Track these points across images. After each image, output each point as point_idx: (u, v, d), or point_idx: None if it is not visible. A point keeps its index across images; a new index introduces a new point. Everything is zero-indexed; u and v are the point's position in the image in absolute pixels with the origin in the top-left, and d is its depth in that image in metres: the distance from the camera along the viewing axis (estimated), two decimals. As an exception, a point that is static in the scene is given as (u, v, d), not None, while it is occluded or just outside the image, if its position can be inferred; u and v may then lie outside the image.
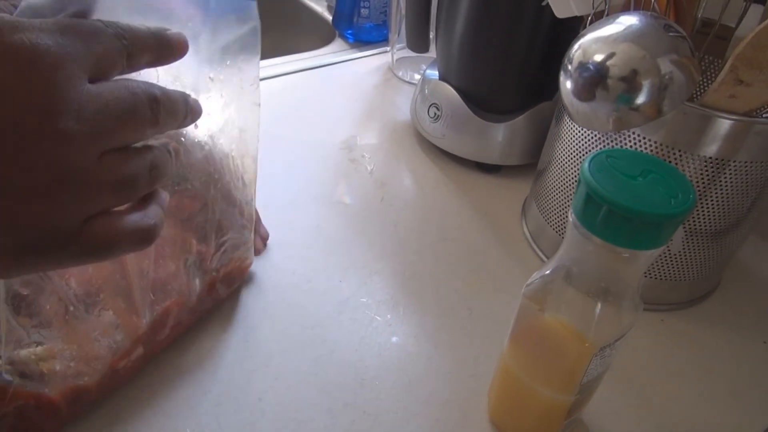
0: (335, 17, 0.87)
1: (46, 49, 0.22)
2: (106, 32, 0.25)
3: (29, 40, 0.22)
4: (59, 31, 0.23)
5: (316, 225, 0.54)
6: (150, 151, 0.27)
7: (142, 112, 0.25)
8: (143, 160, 0.26)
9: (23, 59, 0.22)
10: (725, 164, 0.40)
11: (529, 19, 0.54)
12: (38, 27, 0.22)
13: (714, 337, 0.48)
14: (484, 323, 0.47)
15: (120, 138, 0.25)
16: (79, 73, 0.23)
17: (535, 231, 0.55)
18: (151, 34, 0.27)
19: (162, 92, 0.27)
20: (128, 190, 0.26)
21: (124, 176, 0.25)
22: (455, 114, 0.61)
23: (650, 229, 0.27)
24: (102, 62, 0.24)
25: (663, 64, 0.35)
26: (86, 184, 0.24)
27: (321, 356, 0.43)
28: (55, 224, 0.24)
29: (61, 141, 0.23)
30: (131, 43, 0.26)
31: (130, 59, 0.26)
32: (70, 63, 0.23)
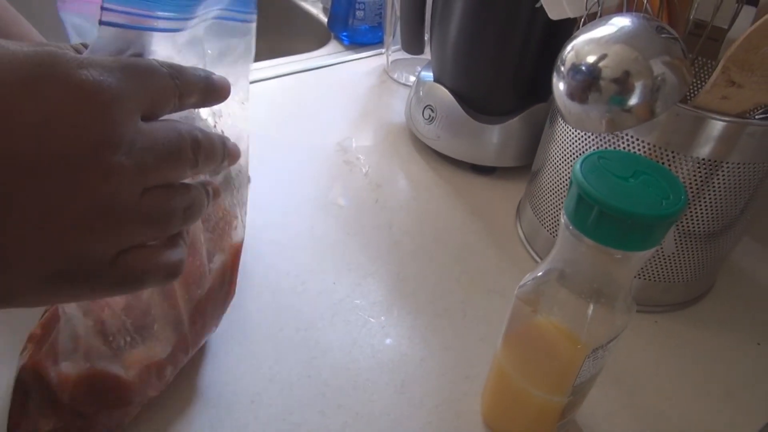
0: (330, 19, 0.87)
1: (107, 85, 0.23)
2: (161, 72, 0.26)
3: (92, 76, 0.23)
4: (119, 68, 0.24)
5: (310, 226, 0.54)
6: (188, 192, 0.28)
7: (185, 154, 0.27)
8: (181, 201, 0.27)
9: (85, 93, 0.23)
10: (718, 165, 0.40)
11: (523, 21, 0.54)
12: (101, 64, 0.24)
13: (708, 339, 0.48)
14: (478, 325, 0.47)
15: (162, 177, 0.26)
16: (134, 109, 0.24)
17: (530, 232, 0.55)
18: (199, 77, 0.28)
19: (203, 135, 0.28)
20: (162, 227, 0.27)
21: (160, 214, 0.26)
22: (450, 116, 0.61)
23: (642, 231, 0.27)
24: (156, 100, 0.26)
25: (655, 65, 0.35)
26: (125, 218, 0.25)
27: (314, 358, 0.43)
28: (90, 255, 0.24)
29: (109, 174, 0.23)
30: (183, 83, 0.27)
31: (181, 99, 0.27)
32: (127, 100, 0.24)
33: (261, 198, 0.56)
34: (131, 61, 0.25)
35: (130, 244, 0.25)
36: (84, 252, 0.24)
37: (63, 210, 0.23)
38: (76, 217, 0.23)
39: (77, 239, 0.24)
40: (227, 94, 0.30)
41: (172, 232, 0.28)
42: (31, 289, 0.24)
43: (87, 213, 0.23)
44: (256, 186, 0.58)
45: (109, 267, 0.25)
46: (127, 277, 0.26)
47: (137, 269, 0.26)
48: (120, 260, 0.25)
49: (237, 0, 0.32)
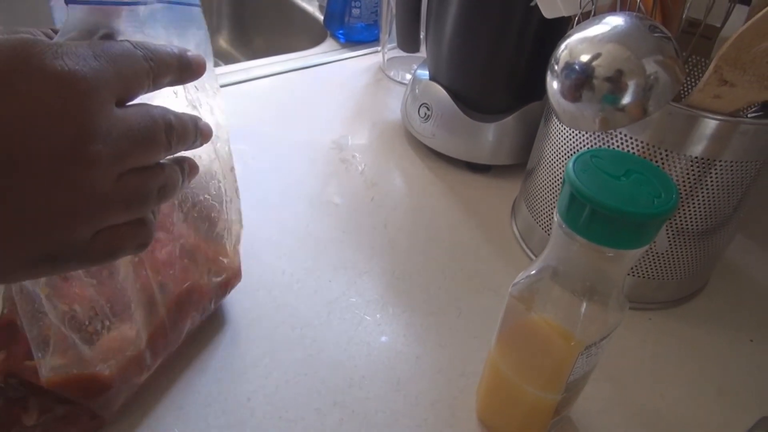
0: (326, 17, 0.87)
1: (82, 75, 0.23)
2: (136, 54, 0.26)
3: (67, 65, 0.23)
4: (93, 55, 0.24)
5: (306, 225, 0.55)
6: (162, 172, 0.28)
7: (159, 138, 0.27)
8: (155, 182, 0.28)
9: (61, 84, 0.23)
10: (711, 164, 0.41)
11: (517, 20, 0.55)
12: (74, 51, 0.24)
13: (701, 336, 0.48)
14: (472, 322, 0.47)
15: (137, 161, 0.26)
16: (109, 97, 0.25)
17: (525, 230, 0.55)
18: (174, 56, 0.29)
19: (176, 118, 0.29)
20: (138, 208, 0.27)
21: (136, 196, 0.27)
22: (445, 114, 0.61)
23: (633, 229, 0.27)
24: (130, 84, 0.26)
25: (648, 64, 0.35)
26: (103, 203, 0.25)
27: (310, 356, 0.43)
28: (69, 238, 0.25)
29: (88, 164, 0.24)
30: (157, 64, 0.27)
31: (155, 80, 0.27)
32: (102, 88, 0.24)
33: (256, 196, 0.57)
34: (105, 46, 0.25)
35: (106, 225, 0.26)
36: (65, 237, 0.25)
37: (45, 200, 0.23)
38: (58, 206, 0.24)
39: (60, 226, 0.24)
40: (203, 70, 0.31)
41: (148, 211, 0.28)
42: (14, 270, 0.25)
43: (68, 202, 0.24)
44: (252, 184, 0.58)
45: (86, 246, 0.26)
46: (102, 253, 0.27)
47: (111, 245, 0.27)
48: (96, 239, 0.26)
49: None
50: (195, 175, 0.33)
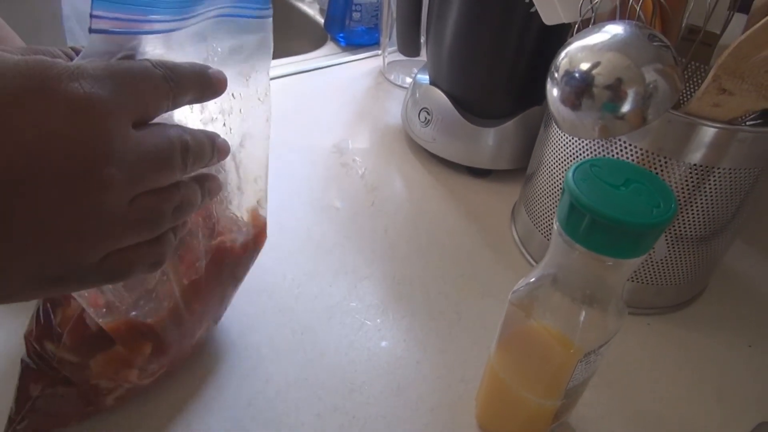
0: (327, 20, 0.88)
1: (98, 98, 0.23)
2: (155, 74, 0.26)
3: (84, 88, 0.23)
4: (111, 76, 0.24)
5: (306, 229, 0.55)
6: (177, 192, 0.28)
7: (175, 160, 0.27)
8: (170, 203, 0.28)
9: (78, 107, 0.23)
10: (710, 171, 0.41)
11: (518, 26, 0.55)
12: (92, 74, 0.23)
13: (700, 341, 0.49)
14: (472, 328, 0.47)
15: (152, 183, 0.26)
16: (126, 120, 0.24)
17: (525, 235, 0.55)
18: (194, 74, 0.28)
19: (192, 138, 0.28)
20: (151, 229, 0.27)
21: (149, 218, 0.27)
22: (445, 119, 0.61)
23: (632, 238, 0.27)
24: (149, 105, 0.26)
25: (647, 73, 0.35)
26: (115, 226, 0.25)
27: (311, 360, 0.43)
28: (77, 261, 0.25)
29: (101, 188, 0.24)
30: (177, 84, 0.27)
31: (174, 100, 0.27)
32: (119, 111, 0.24)
33: (258, 200, 0.57)
34: (124, 67, 0.25)
35: (118, 247, 0.26)
36: (73, 259, 0.25)
37: (56, 223, 0.23)
38: (69, 229, 0.24)
39: (70, 248, 0.24)
40: (223, 87, 0.30)
41: (161, 231, 0.28)
42: (25, 290, 0.25)
43: (79, 225, 0.24)
44: (253, 188, 0.58)
45: (97, 267, 0.26)
46: (113, 274, 0.27)
47: (122, 267, 0.27)
48: (106, 260, 0.26)
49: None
50: (217, 192, 0.33)
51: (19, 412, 0.35)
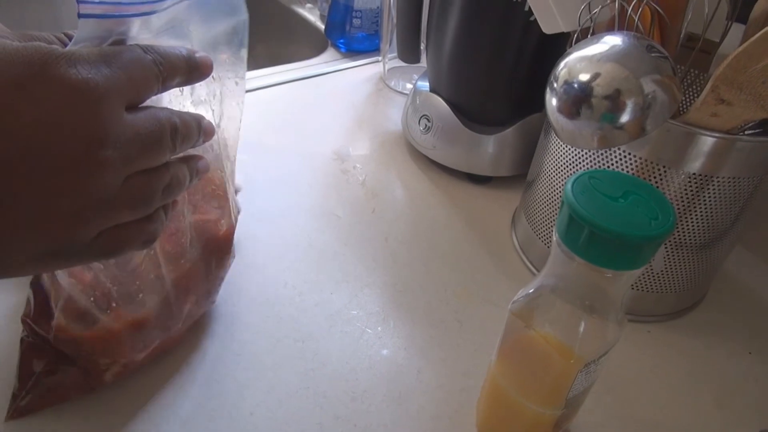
0: (327, 27, 0.88)
1: (94, 83, 0.24)
2: (146, 59, 0.27)
3: (81, 73, 0.24)
4: (105, 62, 0.25)
5: (307, 237, 0.55)
6: (167, 172, 0.30)
7: (165, 142, 0.28)
8: (160, 182, 0.29)
9: (74, 92, 0.24)
10: (709, 180, 0.41)
11: (517, 34, 0.55)
12: (87, 59, 0.25)
13: (700, 348, 0.49)
14: (473, 336, 0.47)
15: (144, 164, 0.28)
16: (120, 103, 0.26)
17: (525, 242, 0.56)
18: (182, 58, 0.30)
19: (180, 120, 0.30)
20: (143, 207, 0.29)
21: (141, 197, 0.28)
22: (446, 126, 0.61)
23: (631, 251, 0.28)
24: (140, 89, 0.27)
25: (646, 84, 0.35)
26: (110, 205, 0.26)
27: (312, 369, 0.43)
28: (74, 238, 0.26)
29: (98, 169, 0.25)
30: (166, 68, 0.28)
31: (164, 83, 0.29)
32: (114, 94, 0.25)
33: (258, 207, 0.57)
34: (116, 52, 0.26)
35: (112, 224, 0.28)
36: (70, 236, 0.26)
37: (55, 204, 0.25)
38: (66, 209, 0.25)
39: (67, 227, 0.26)
40: (209, 70, 0.32)
41: (152, 210, 0.30)
42: (22, 265, 0.26)
43: (77, 205, 0.25)
44: (253, 195, 0.58)
45: (91, 243, 0.27)
46: (107, 249, 0.28)
47: (115, 243, 0.28)
48: (101, 237, 0.27)
49: None
50: (205, 172, 0.34)
51: (22, 387, 0.37)
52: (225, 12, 0.35)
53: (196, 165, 0.33)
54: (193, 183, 0.33)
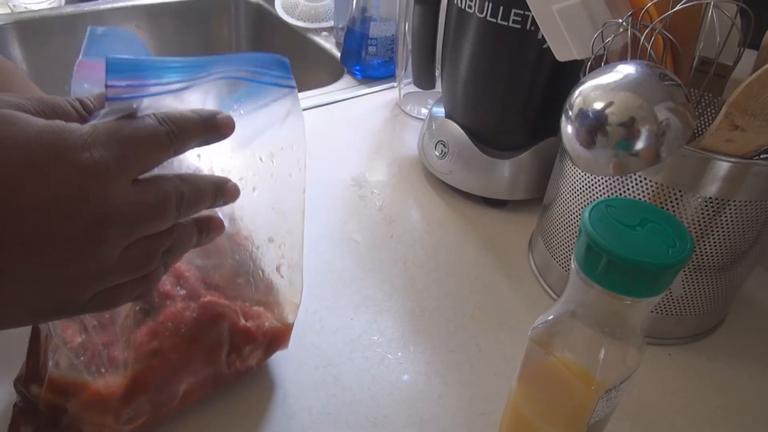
0: (343, 54, 0.90)
1: (105, 164, 0.26)
2: (159, 133, 0.28)
3: (94, 156, 0.26)
4: (118, 141, 0.27)
5: (327, 262, 0.56)
6: (170, 236, 0.31)
7: (169, 211, 0.29)
8: (161, 247, 0.30)
9: (85, 174, 0.25)
10: (725, 204, 0.41)
11: (531, 61, 0.56)
12: (102, 141, 0.26)
13: (722, 370, 0.49)
14: (493, 360, 0.47)
15: (145, 232, 0.29)
16: (128, 178, 0.27)
17: (542, 266, 0.56)
18: (199, 122, 0.30)
19: (189, 188, 0.30)
20: (141, 270, 0.30)
21: (141, 262, 0.29)
22: (462, 151, 0.62)
23: (649, 278, 0.28)
24: (151, 163, 0.28)
25: (660, 111, 0.36)
26: (109, 271, 0.28)
27: (334, 395, 0.44)
28: (74, 299, 0.28)
29: (101, 244, 0.27)
30: (179, 137, 0.29)
31: (176, 152, 0.30)
32: (123, 173, 0.27)
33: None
34: (131, 128, 0.27)
35: (109, 286, 0.29)
36: (70, 298, 0.28)
37: (58, 274, 0.26)
38: (68, 278, 0.27)
39: (67, 292, 0.27)
40: (230, 131, 0.32)
41: (150, 270, 0.30)
42: (21, 320, 0.28)
43: (78, 274, 0.27)
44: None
45: (87, 301, 0.29)
46: (101, 306, 0.30)
47: (111, 300, 0.30)
48: (96, 297, 0.29)
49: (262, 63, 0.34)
50: (218, 234, 0.35)
51: None
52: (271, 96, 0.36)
53: (207, 225, 0.34)
54: (202, 243, 0.34)
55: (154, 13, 1.04)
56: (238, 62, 0.33)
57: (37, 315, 0.28)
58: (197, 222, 0.33)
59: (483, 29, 0.55)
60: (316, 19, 1.00)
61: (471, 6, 0.55)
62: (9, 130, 0.25)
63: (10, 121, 0.25)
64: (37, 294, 0.27)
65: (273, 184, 0.38)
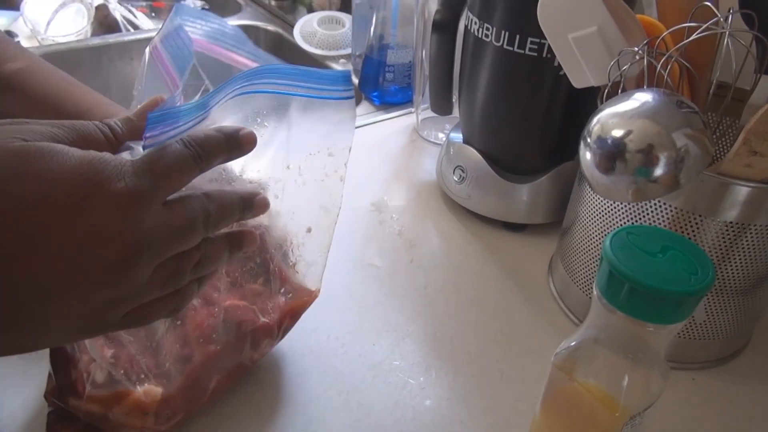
0: (361, 81, 0.91)
1: (136, 191, 0.27)
2: (186, 157, 0.30)
3: (127, 185, 0.27)
4: (149, 170, 0.28)
5: (347, 288, 0.56)
6: (197, 251, 0.32)
7: (197, 230, 0.31)
8: (189, 262, 0.31)
9: (119, 203, 0.27)
10: (746, 228, 0.42)
11: (547, 86, 0.57)
12: (133, 171, 0.28)
13: (747, 394, 0.48)
14: (515, 385, 0.48)
15: (174, 251, 0.30)
16: (158, 202, 0.29)
17: (562, 289, 0.56)
18: (223, 140, 0.32)
19: (216, 205, 0.32)
20: (171, 286, 0.31)
21: (170, 279, 0.30)
22: (480, 176, 0.63)
23: (672, 305, 0.28)
24: (178, 184, 0.30)
25: (678, 138, 0.36)
26: (141, 291, 0.29)
27: (357, 421, 0.44)
28: (107, 318, 0.29)
29: (133, 268, 0.28)
30: (205, 158, 0.31)
31: (201, 171, 0.31)
32: (154, 200, 0.28)
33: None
34: (159, 156, 0.29)
35: (140, 304, 0.30)
36: (103, 318, 0.29)
37: (92, 297, 0.28)
38: (101, 300, 0.28)
39: (100, 312, 0.29)
40: (251, 146, 0.34)
41: (181, 286, 0.32)
42: (56, 341, 0.31)
43: (112, 298, 0.28)
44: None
45: (120, 320, 0.30)
46: (134, 323, 0.31)
47: (142, 317, 0.31)
48: (129, 315, 0.30)
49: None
50: (252, 246, 0.36)
51: None
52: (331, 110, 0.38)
53: (240, 240, 0.35)
54: (236, 257, 0.35)
55: (176, 44, 1.07)
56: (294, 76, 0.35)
57: (74, 335, 0.30)
58: (229, 236, 0.34)
59: (500, 57, 0.56)
60: (334, 46, 1.02)
61: (488, 35, 0.56)
62: (48, 164, 0.26)
63: (49, 154, 0.26)
64: (74, 317, 0.28)
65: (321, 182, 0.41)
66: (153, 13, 1.21)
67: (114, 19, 1.11)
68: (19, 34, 1.05)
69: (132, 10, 1.15)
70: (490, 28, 0.55)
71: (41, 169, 0.26)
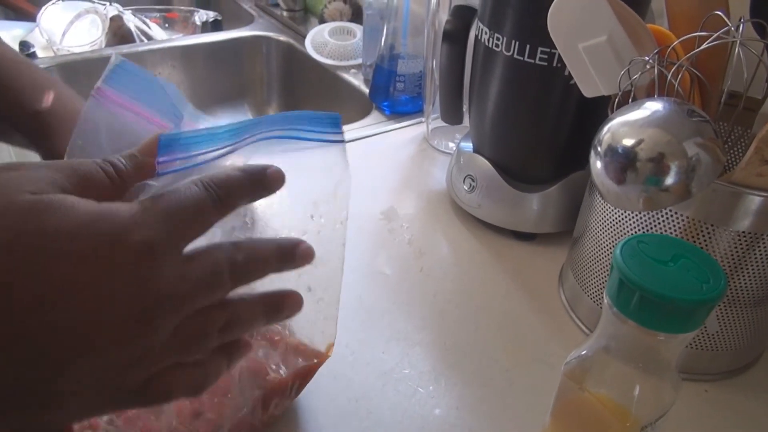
0: (372, 90, 0.92)
1: (153, 242, 0.25)
2: (205, 200, 0.28)
3: (143, 236, 0.25)
4: (165, 218, 0.26)
5: (357, 296, 0.57)
6: (224, 311, 0.29)
7: (222, 282, 0.28)
8: (215, 322, 0.28)
9: (135, 256, 0.25)
10: (758, 238, 0.41)
11: (558, 96, 0.57)
12: (148, 222, 0.26)
13: (760, 407, 0.48)
14: (524, 394, 0.47)
15: (196, 306, 0.27)
16: (178, 251, 0.27)
17: (572, 299, 0.56)
18: (246, 180, 0.29)
19: (245, 255, 0.29)
20: (195, 350, 0.28)
21: (193, 340, 0.28)
22: (490, 185, 0.63)
23: (683, 314, 0.28)
24: (198, 231, 0.28)
25: (689, 147, 0.36)
26: (159, 354, 0.27)
27: (367, 428, 0.44)
28: (124, 386, 0.27)
29: (151, 321, 0.26)
30: (225, 202, 0.28)
31: (222, 215, 0.29)
32: (171, 248, 0.26)
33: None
34: (176, 201, 0.27)
35: (160, 368, 0.27)
36: (119, 385, 0.26)
37: (109, 362, 0.25)
38: (119, 365, 0.26)
39: (117, 379, 0.26)
40: (279, 184, 0.31)
41: (206, 350, 0.29)
42: (72, 416, 0.27)
43: (130, 359, 0.26)
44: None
45: (139, 391, 0.27)
46: (153, 398, 0.28)
47: (163, 391, 0.28)
48: (148, 384, 0.27)
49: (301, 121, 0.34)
50: (296, 311, 0.32)
51: None
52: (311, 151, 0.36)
53: (279, 302, 0.31)
54: (274, 321, 0.32)
55: (188, 54, 1.08)
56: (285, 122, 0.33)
57: (89, 407, 0.27)
58: (264, 298, 0.31)
59: (510, 67, 0.57)
60: (345, 57, 1.03)
61: (498, 45, 0.56)
62: (60, 220, 0.24)
63: (60, 209, 0.25)
64: (89, 388, 0.26)
65: (316, 236, 0.37)
66: (166, 24, 1.23)
67: (128, 29, 1.12)
68: (35, 44, 1.06)
69: (146, 21, 1.16)
70: (500, 38, 0.56)
71: (55, 226, 0.24)
